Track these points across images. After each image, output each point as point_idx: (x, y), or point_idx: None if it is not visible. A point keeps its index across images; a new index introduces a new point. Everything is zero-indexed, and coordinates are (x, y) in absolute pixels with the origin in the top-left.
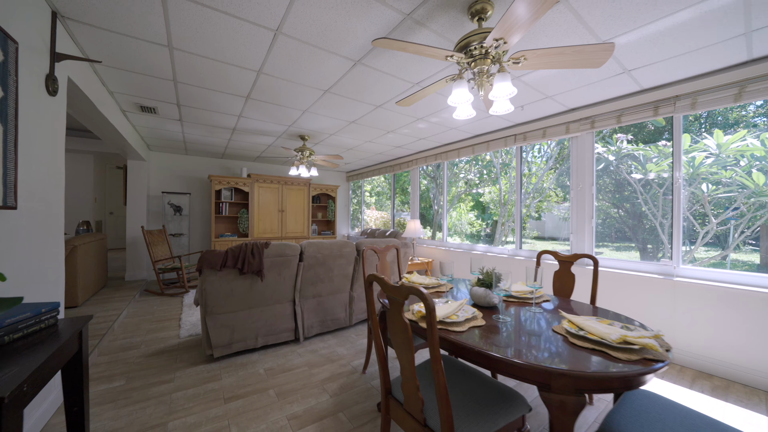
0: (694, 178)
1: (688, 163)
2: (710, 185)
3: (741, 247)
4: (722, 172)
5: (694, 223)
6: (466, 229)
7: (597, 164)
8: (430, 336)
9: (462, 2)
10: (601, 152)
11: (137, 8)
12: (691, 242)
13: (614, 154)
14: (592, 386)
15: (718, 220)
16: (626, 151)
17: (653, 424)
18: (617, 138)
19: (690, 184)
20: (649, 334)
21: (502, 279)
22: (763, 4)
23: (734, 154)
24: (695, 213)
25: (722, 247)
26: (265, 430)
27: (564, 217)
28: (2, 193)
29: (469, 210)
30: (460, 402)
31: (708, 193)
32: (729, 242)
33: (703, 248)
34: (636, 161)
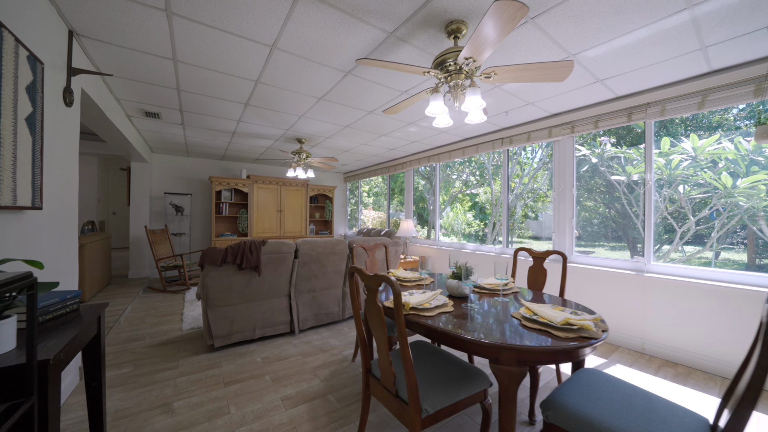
0: (673, 179)
1: (665, 165)
2: (686, 186)
3: (716, 246)
4: (701, 173)
5: (673, 222)
6: (464, 229)
7: (582, 166)
8: (397, 316)
9: (439, 22)
10: (586, 154)
11: (145, 27)
12: (677, 240)
13: (598, 157)
14: (532, 359)
15: (694, 219)
16: (610, 153)
17: (590, 395)
18: (601, 141)
19: (669, 185)
20: (590, 318)
21: (472, 272)
22: (710, 25)
23: (710, 157)
24: (674, 213)
25: (702, 246)
26: (261, 409)
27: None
28: (31, 195)
29: (467, 210)
30: (429, 377)
31: (684, 194)
32: (706, 241)
33: (690, 247)
34: (617, 163)
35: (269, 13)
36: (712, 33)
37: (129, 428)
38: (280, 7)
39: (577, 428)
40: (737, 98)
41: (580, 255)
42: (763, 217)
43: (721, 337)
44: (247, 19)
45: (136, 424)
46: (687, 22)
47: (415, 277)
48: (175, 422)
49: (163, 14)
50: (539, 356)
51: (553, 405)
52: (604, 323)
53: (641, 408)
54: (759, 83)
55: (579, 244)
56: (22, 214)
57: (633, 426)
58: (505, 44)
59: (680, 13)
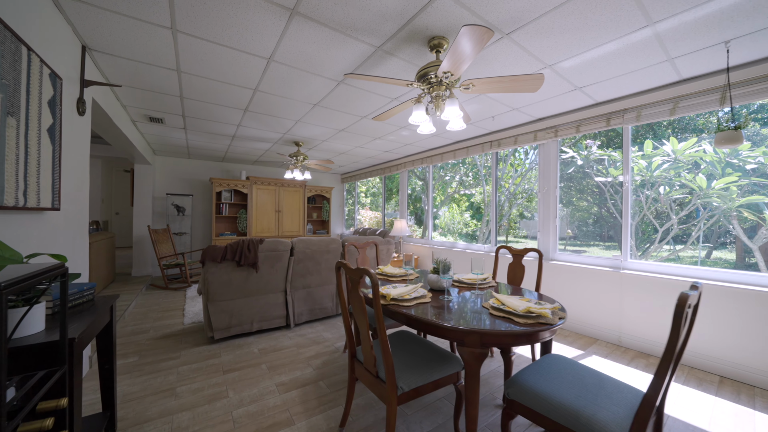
0: (655, 180)
1: (646, 167)
2: (666, 187)
3: (697, 244)
4: (682, 174)
5: (654, 222)
6: (461, 229)
7: (569, 167)
8: (375, 304)
9: (422, 38)
10: (574, 156)
11: (152, 42)
12: (659, 239)
13: (584, 159)
14: (493, 341)
15: (676, 219)
16: (595, 155)
17: (549, 375)
18: (587, 144)
19: (651, 186)
20: (549, 307)
21: (449, 268)
22: (672, 40)
23: (689, 159)
24: (655, 213)
25: (695, 245)
26: (257, 393)
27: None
28: (51, 198)
29: (465, 210)
30: (407, 360)
31: (663, 195)
32: (685, 241)
33: (682, 246)
34: (602, 165)
35: (265, 31)
36: (675, 46)
37: (137, 409)
38: (275, 25)
39: (533, 402)
40: (704, 105)
41: (564, 253)
42: (735, 217)
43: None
44: (246, 36)
45: (143, 406)
46: (651, 37)
47: (401, 272)
48: (178, 404)
49: (168, 31)
50: (500, 339)
51: (514, 383)
52: (562, 312)
53: (592, 386)
54: (723, 92)
55: (575, 244)
56: (43, 214)
57: (580, 399)
58: (486, 56)
59: (643, 29)
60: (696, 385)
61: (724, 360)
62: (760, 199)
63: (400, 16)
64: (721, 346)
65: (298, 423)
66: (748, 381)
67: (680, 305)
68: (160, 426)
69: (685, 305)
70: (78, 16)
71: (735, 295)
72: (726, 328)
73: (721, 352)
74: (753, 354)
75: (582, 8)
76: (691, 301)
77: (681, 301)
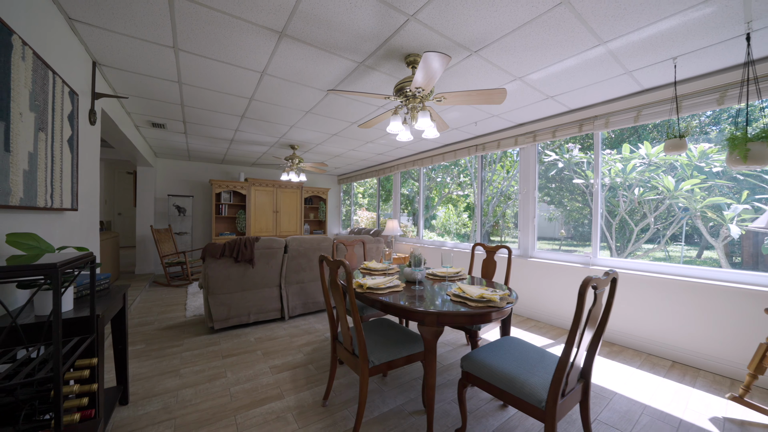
0: (631, 182)
1: (621, 170)
2: (640, 189)
3: (669, 243)
4: (655, 177)
5: (629, 221)
6: (459, 229)
7: (551, 170)
8: (348, 290)
9: (399, 55)
10: (558, 159)
11: (156, 59)
12: (646, 239)
13: (564, 162)
14: (447, 321)
15: (652, 217)
16: (576, 158)
17: (499, 352)
18: (568, 147)
19: (628, 188)
20: (500, 293)
21: (422, 262)
22: (624, 56)
23: (664, 162)
24: (631, 213)
25: (656, 243)
26: (252, 374)
27: (549, 218)
28: (70, 199)
29: (463, 211)
30: (380, 340)
31: (638, 196)
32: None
33: (653, 245)
34: (580, 168)
35: (258, 49)
36: (630, 61)
37: (146, 386)
38: (266, 45)
39: (482, 373)
40: (660, 114)
41: (542, 251)
42: (699, 217)
43: (650, 320)
44: (240, 53)
45: (151, 383)
46: (605, 54)
47: (383, 267)
48: (182, 383)
49: (171, 50)
50: (453, 318)
51: (468, 358)
52: (511, 297)
53: (533, 360)
54: (672, 103)
55: (571, 244)
56: (64, 214)
57: (520, 370)
58: (459, 70)
59: (597, 47)
60: (649, 368)
61: (677, 347)
62: (721, 200)
63: (376, 37)
64: (676, 334)
65: (287, 397)
66: (696, 365)
67: (583, 286)
68: (166, 399)
69: (588, 286)
70: (90, 37)
71: (692, 289)
72: (680, 318)
73: (675, 340)
74: (702, 341)
75: (537, 30)
76: (598, 284)
77: (584, 282)
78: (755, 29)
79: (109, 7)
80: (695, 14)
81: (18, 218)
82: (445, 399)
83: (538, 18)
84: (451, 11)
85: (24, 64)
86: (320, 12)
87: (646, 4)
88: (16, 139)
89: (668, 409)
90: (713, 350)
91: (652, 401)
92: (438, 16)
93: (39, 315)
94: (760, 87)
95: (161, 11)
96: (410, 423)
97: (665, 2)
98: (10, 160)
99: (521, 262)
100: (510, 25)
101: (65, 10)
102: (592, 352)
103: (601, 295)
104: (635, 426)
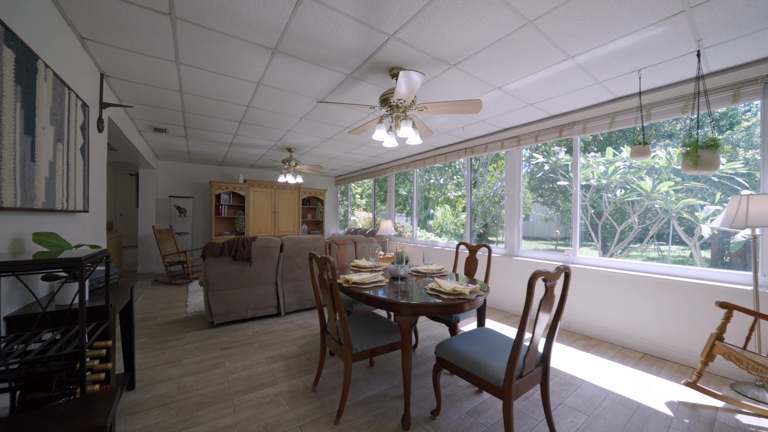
0: (616, 184)
1: (603, 173)
2: (622, 190)
3: (651, 243)
4: (641, 179)
5: (613, 222)
6: (457, 230)
7: (538, 172)
8: (333, 283)
9: (384, 68)
10: (544, 162)
11: (159, 71)
12: (631, 239)
13: (551, 165)
14: (421, 311)
15: (633, 218)
16: (562, 161)
17: (470, 340)
18: (554, 150)
19: (614, 188)
20: (471, 287)
21: (406, 260)
22: (593, 68)
23: (646, 165)
24: (614, 213)
25: (639, 243)
26: (248, 364)
27: (545, 218)
28: (82, 202)
29: (462, 212)
30: (363, 331)
31: (619, 198)
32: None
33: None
34: (565, 170)
35: (254, 63)
36: (599, 73)
37: (150, 374)
38: (261, 59)
39: (452, 358)
40: (630, 122)
41: (526, 251)
42: (675, 217)
43: (623, 315)
44: (237, 66)
45: (155, 372)
46: (575, 66)
47: (371, 264)
48: (183, 371)
49: (173, 64)
50: (427, 309)
51: (441, 346)
52: (482, 291)
53: (499, 347)
54: (637, 112)
55: (567, 244)
56: (77, 215)
57: (485, 355)
58: (441, 81)
59: (566, 61)
60: (620, 360)
61: (647, 339)
62: (694, 201)
63: (361, 53)
64: (647, 328)
65: (280, 384)
66: (664, 356)
67: (531, 278)
68: (170, 385)
69: (536, 278)
70: (99, 53)
71: (659, 285)
72: (651, 313)
73: (646, 333)
74: (669, 334)
75: (508, 47)
76: (547, 277)
77: (533, 275)
78: (706, 46)
79: (117, 27)
80: (649, 33)
81: (40, 219)
82: (425, 386)
83: (507, 36)
84: (427, 31)
85: (46, 85)
86: (308, 32)
87: (603, 24)
88: (39, 151)
89: (630, 395)
90: (678, 342)
91: (616, 388)
92: (416, 35)
93: (59, 304)
94: (710, 99)
95: (165, 31)
96: (391, 405)
97: (620, 23)
98: (35, 169)
99: (507, 261)
100: (482, 42)
101: (78, 30)
102: (551, 339)
103: (553, 287)
104: (597, 409)
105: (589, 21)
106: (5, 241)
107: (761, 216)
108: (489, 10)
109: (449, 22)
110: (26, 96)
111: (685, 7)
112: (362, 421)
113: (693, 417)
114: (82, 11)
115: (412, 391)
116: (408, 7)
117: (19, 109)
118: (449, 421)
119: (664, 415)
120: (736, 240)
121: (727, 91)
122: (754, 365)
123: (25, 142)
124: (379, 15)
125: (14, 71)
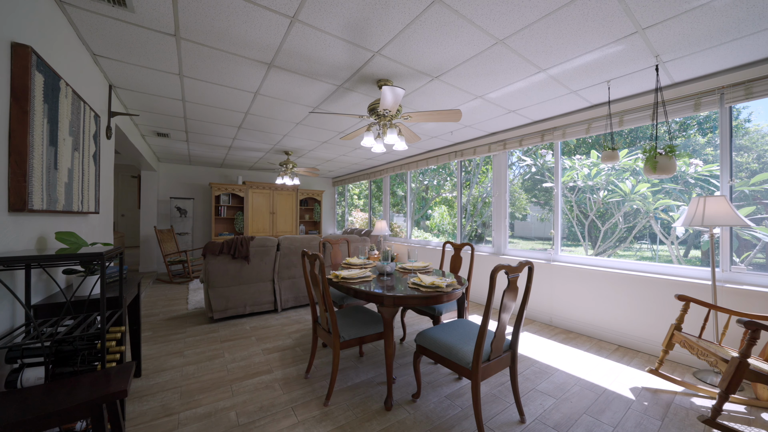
0: (598, 185)
1: (587, 175)
2: (605, 191)
3: (634, 243)
4: (621, 181)
5: (597, 222)
6: (454, 230)
7: (526, 174)
8: (322, 278)
9: (372, 80)
10: (531, 164)
11: (164, 83)
12: (601, 237)
13: (538, 167)
14: (401, 303)
15: (617, 217)
16: (549, 164)
17: (448, 330)
18: (541, 153)
19: (594, 191)
20: (448, 281)
21: (392, 257)
22: (565, 80)
23: (627, 167)
24: (598, 213)
25: (622, 242)
26: (246, 354)
27: (541, 218)
28: (94, 204)
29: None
30: (350, 322)
31: (602, 198)
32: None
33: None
34: (551, 172)
35: (251, 76)
36: (571, 84)
37: (155, 364)
38: (258, 73)
39: (430, 345)
40: (603, 128)
41: (513, 249)
42: (652, 217)
43: (601, 310)
44: (236, 78)
45: (159, 362)
46: (548, 78)
47: (361, 262)
48: (185, 361)
49: (177, 76)
50: (406, 301)
51: (421, 334)
52: (457, 285)
53: (473, 335)
54: (607, 119)
55: (565, 244)
56: (89, 216)
57: (459, 342)
58: (426, 91)
59: (539, 73)
60: (596, 351)
61: (622, 332)
62: (669, 202)
63: (350, 67)
64: (622, 321)
65: (275, 372)
66: (636, 347)
67: (493, 271)
68: (173, 373)
69: (498, 271)
70: (110, 67)
71: (630, 281)
72: (625, 307)
73: (621, 326)
74: (641, 326)
75: (484, 62)
76: (509, 270)
77: (494, 268)
78: (665, 61)
79: (127, 46)
80: (611, 50)
81: (60, 220)
82: (409, 374)
83: (482, 53)
84: (408, 48)
85: (66, 101)
86: (301, 50)
87: (566, 43)
88: (61, 159)
89: (599, 382)
90: (648, 334)
91: (587, 376)
92: (398, 52)
93: (77, 296)
94: (672, 108)
95: (170, 49)
96: (377, 390)
97: (582, 42)
98: (57, 176)
99: (493, 259)
100: (460, 58)
101: (91, 48)
102: (518, 327)
103: (515, 279)
104: (565, 393)
105: (553, 41)
106: (33, 239)
107: (715, 216)
108: (462, 31)
109: (428, 41)
110: (51, 112)
111: (638, 29)
112: (349, 404)
113: (652, 400)
114: (96, 33)
115: (397, 379)
116: (389, 30)
117: (46, 125)
118: (428, 403)
119: (626, 399)
120: (704, 239)
121: (689, 101)
122: (702, 351)
123: (50, 153)
124: (363, 35)
125: (43, 92)
